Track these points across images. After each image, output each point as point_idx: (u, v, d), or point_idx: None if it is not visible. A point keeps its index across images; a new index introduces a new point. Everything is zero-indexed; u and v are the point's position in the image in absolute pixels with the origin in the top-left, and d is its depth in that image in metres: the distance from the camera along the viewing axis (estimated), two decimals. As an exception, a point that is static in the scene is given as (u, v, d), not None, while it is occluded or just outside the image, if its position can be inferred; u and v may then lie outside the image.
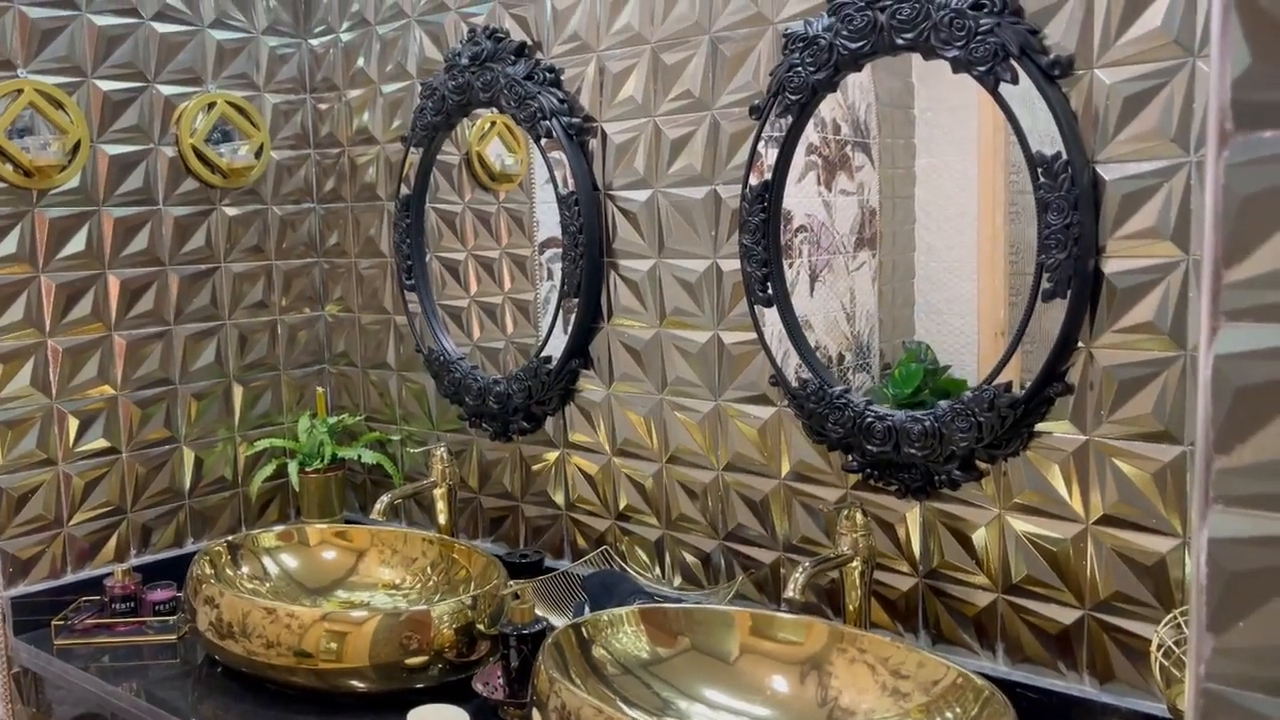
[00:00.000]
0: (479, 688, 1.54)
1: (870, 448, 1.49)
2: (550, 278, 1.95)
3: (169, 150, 2.10)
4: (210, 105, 2.13)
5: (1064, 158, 1.28)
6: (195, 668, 1.77)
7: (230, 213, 2.20)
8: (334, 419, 2.26)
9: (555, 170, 1.83)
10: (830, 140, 1.58)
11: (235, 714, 1.61)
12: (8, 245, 1.90)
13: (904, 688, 1.36)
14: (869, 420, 1.48)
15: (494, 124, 2.01)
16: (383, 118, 2.17)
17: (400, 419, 2.25)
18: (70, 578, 2.00)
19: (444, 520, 2.02)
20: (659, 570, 1.82)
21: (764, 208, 1.56)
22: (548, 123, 1.81)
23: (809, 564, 1.43)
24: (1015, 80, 1.31)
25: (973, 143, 1.46)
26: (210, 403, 2.19)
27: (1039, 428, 1.38)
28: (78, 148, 1.95)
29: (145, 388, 2.10)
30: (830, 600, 1.60)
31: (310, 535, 1.98)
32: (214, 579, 1.76)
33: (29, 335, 1.94)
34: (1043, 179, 1.30)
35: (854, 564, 1.48)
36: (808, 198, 1.59)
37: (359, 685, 1.58)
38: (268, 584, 1.89)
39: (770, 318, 1.59)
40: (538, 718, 1.31)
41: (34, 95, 1.88)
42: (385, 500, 1.90)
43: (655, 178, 1.74)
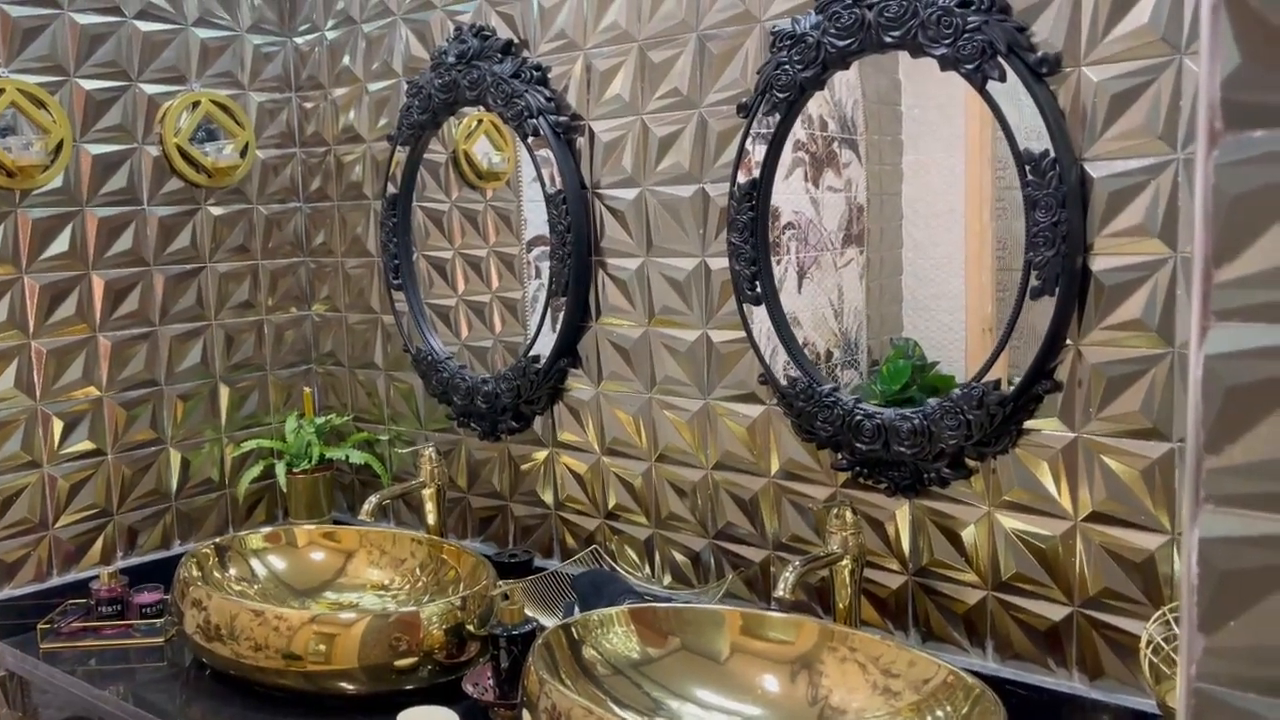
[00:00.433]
0: (469, 689, 1.53)
1: (859, 446, 1.49)
2: (538, 276, 1.95)
3: (153, 150, 2.08)
4: (194, 104, 2.12)
5: (1051, 155, 1.28)
6: (183, 671, 1.76)
7: (215, 212, 2.19)
8: (321, 419, 2.25)
9: (543, 168, 1.82)
10: (818, 137, 1.58)
11: (223, 717, 1.60)
12: (-10, 246, 1.89)
13: (895, 686, 1.36)
14: (858, 418, 1.48)
15: (481, 122, 2.00)
16: (369, 116, 2.16)
17: (388, 419, 2.24)
18: (56, 581, 1.99)
19: (433, 520, 2.02)
20: (649, 569, 1.82)
21: (752, 205, 1.56)
22: (535, 121, 1.80)
23: (799, 562, 1.43)
24: (1003, 78, 1.31)
25: (960, 140, 1.46)
26: (196, 404, 2.18)
27: (1028, 425, 1.38)
28: (60, 147, 1.94)
29: (130, 389, 2.08)
30: (820, 599, 1.60)
31: (298, 536, 1.97)
32: (201, 581, 1.75)
33: (12, 337, 1.92)
34: (1030, 176, 1.30)
35: (844, 562, 1.48)
36: (795, 195, 1.59)
37: (348, 687, 1.57)
38: (255, 586, 1.88)
39: (759, 316, 1.59)
40: (528, 719, 1.31)
41: (16, 95, 1.87)
42: (373, 501, 1.89)
43: (643, 176, 1.74)
